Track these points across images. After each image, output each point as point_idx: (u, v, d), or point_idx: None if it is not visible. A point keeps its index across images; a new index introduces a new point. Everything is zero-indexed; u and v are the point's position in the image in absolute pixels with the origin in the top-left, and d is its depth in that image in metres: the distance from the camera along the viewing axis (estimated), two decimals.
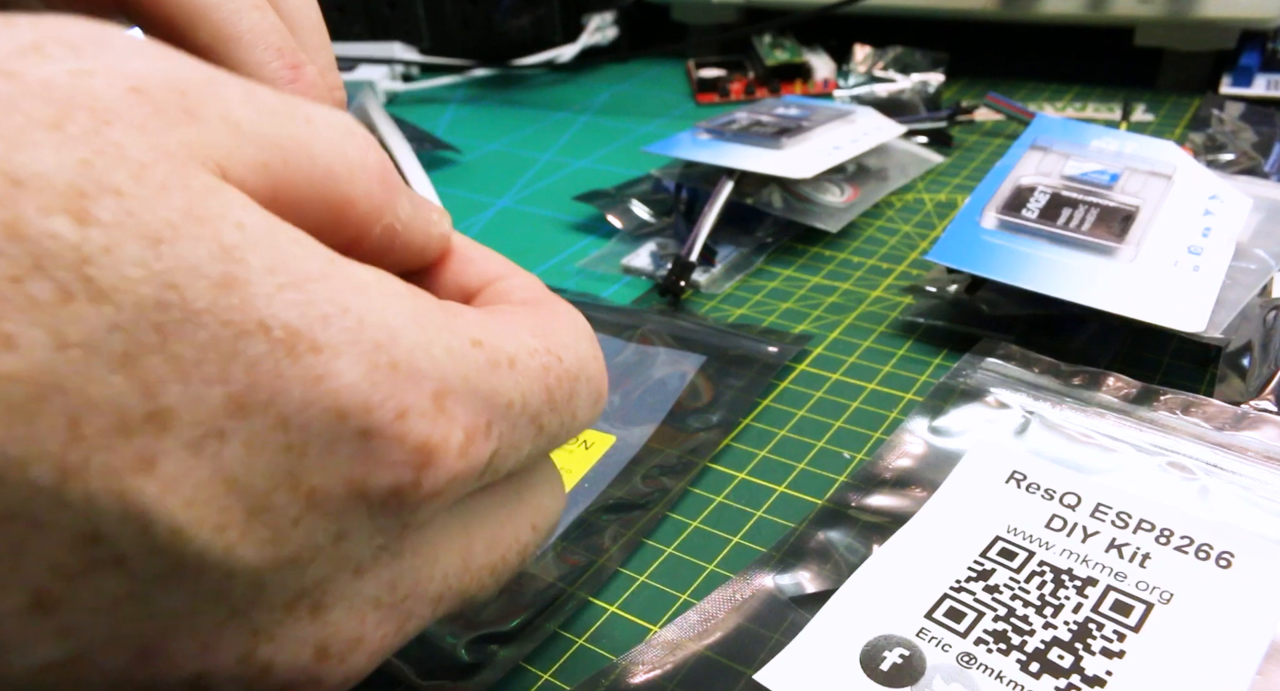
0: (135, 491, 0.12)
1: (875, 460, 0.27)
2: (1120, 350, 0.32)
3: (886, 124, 0.46)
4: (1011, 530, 0.24)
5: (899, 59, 0.56)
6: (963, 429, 0.28)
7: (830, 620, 0.22)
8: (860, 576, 0.23)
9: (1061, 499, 0.25)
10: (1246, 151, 0.43)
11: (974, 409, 0.29)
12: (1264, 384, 0.28)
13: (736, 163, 0.40)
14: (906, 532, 0.24)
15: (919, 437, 0.28)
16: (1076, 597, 0.22)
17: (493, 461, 0.15)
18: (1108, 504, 0.24)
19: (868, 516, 0.25)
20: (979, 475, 0.26)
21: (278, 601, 0.14)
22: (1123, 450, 0.26)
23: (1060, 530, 0.24)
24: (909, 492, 0.26)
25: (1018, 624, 0.21)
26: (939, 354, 0.33)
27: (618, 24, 0.66)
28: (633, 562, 0.25)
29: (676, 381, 0.31)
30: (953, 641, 0.21)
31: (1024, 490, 0.25)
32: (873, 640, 0.21)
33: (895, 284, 0.38)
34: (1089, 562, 0.23)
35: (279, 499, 0.13)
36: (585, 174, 0.50)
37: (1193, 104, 0.53)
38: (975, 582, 0.22)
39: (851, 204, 0.43)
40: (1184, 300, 0.30)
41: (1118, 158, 0.36)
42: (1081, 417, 0.27)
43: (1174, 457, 0.26)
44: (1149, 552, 0.23)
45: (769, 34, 0.62)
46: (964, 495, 0.25)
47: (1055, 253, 0.32)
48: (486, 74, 0.66)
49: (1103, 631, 0.21)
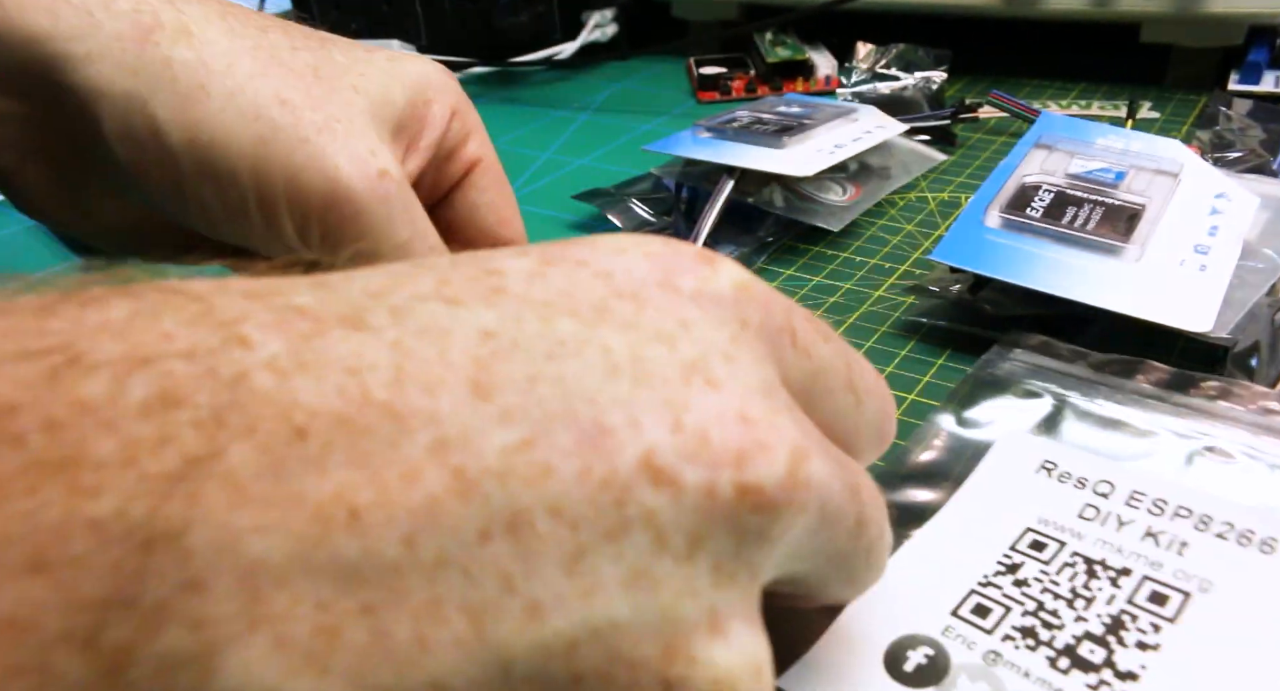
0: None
1: (902, 453, 0.27)
2: (1125, 350, 0.31)
3: (889, 122, 0.45)
4: (1042, 521, 0.23)
5: (902, 56, 0.55)
6: (991, 419, 0.27)
7: (854, 620, 0.21)
8: (885, 573, 0.22)
9: (1094, 487, 0.24)
10: (1254, 149, 0.43)
11: (1003, 399, 0.28)
12: (1271, 384, 0.28)
13: (737, 161, 0.40)
14: (933, 527, 0.24)
15: (946, 430, 0.27)
16: (1110, 589, 0.21)
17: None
18: (1142, 491, 0.24)
19: (894, 511, 0.24)
20: (1009, 465, 0.25)
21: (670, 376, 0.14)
22: (1158, 435, 0.26)
23: (1093, 519, 0.23)
24: (937, 486, 0.25)
25: (1047, 618, 0.21)
26: (942, 354, 0.32)
27: (617, 21, 0.66)
28: None
29: None
30: (978, 638, 0.20)
31: (1055, 479, 0.24)
32: (897, 640, 0.21)
33: (898, 283, 0.37)
34: (1123, 552, 0.22)
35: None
36: (585, 172, 0.50)
37: (1199, 101, 0.53)
38: (1004, 576, 0.22)
39: (854, 202, 0.42)
40: (1190, 299, 0.29)
41: (1123, 156, 0.36)
42: (1114, 404, 0.27)
43: (1211, 441, 0.25)
44: (1186, 540, 0.22)
45: (770, 31, 0.61)
46: (993, 486, 0.25)
47: (1060, 252, 0.32)
48: (485, 71, 0.66)
49: (1137, 623, 0.20)
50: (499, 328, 0.13)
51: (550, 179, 0.49)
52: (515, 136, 0.56)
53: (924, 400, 0.30)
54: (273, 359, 0.11)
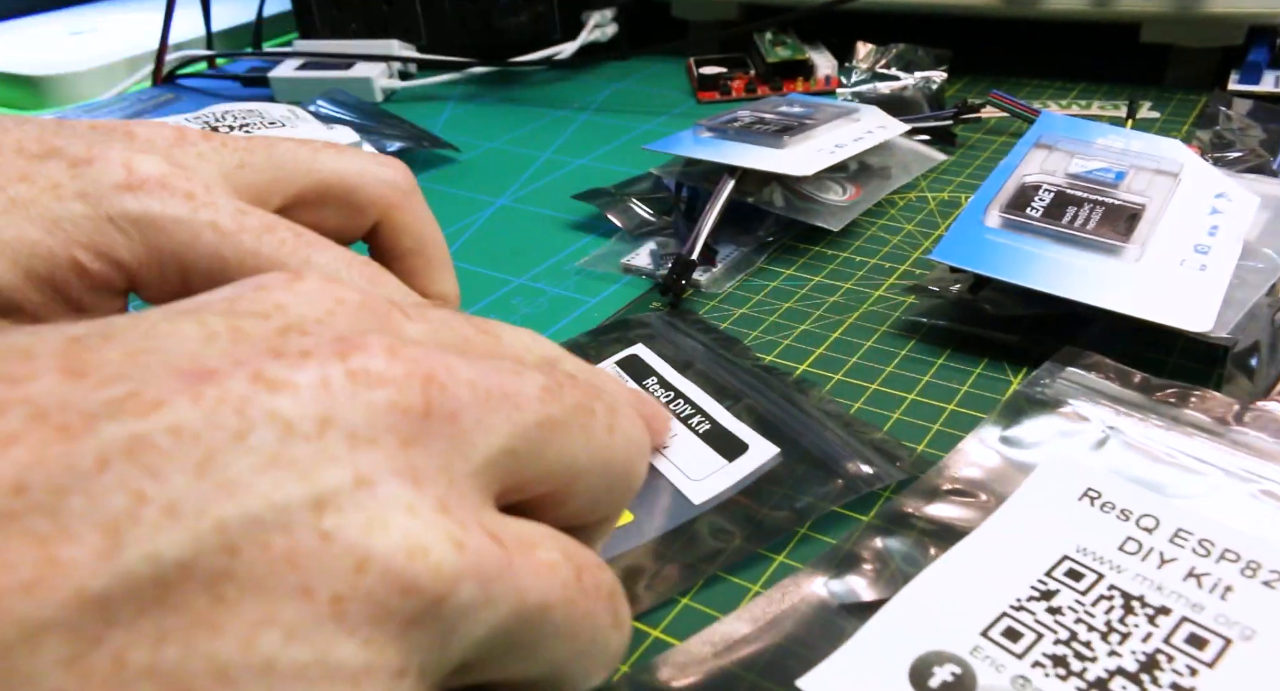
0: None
1: (940, 468, 0.26)
2: (1126, 350, 0.31)
3: (891, 123, 0.45)
4: (1081, 550, 0.23)
5: (902, 56, 0.55)
6: (1036, 441, 0.26)
7: (880, 630, 0.21)
8: (915, 587, 0.22)
9: (1138, 521, 0.23)
10: (1254, 149, 0.43)
11: (1050, 420, 0.27)
12: (1272, 384, 0.28)
13: (737, 161, 0.40)
14: (968, 545, 0.23)
15: (989, 447, 0.27)
16: (1147, 626, 0.21)
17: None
18: (1189, 530, 0.23)
19: (927, 525, 0.24)
20: (1050, 490, 0.25)
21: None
22: (1211, 473, 0.25)
23: (1134, 554, 0.22)
24: (974, 503, 0.25)
25: (1080, 649, 0.20)
26: (942, 354, 0.32)
27: (617, 21, 0.66)
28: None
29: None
30: (1008, 662, 0.20)
31: (1098, 509, 0.24)
32: (924, 655, 0.20)
33: (898, 283, 0.37)
34: (1164, 590, 0.21)
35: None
36: (585, 172, 0.50)
37: (1200, 101, 0.53)
38: (1037, 602, 0.21)
39: (854, 202, 0.42)
40: (1191, 299, 0.29)
41: (1123, 155, 0.36)
42: (1167, 436, 0.26)
43: (1268, 485, 0.24)
44: (1232, 585, 0.21)
45: (770, 31, 0.61)
46: (1032, 510, 0.24)
47: (1060, 252, 0.32)
48: (485, 71, 0.66)
49: (1173, 664, 0.20)
50: (85, 331, 0.14)
51: (550, 179, 0.49)
52: (515, 136, 0.56)
53: (924, 400, 0.30)
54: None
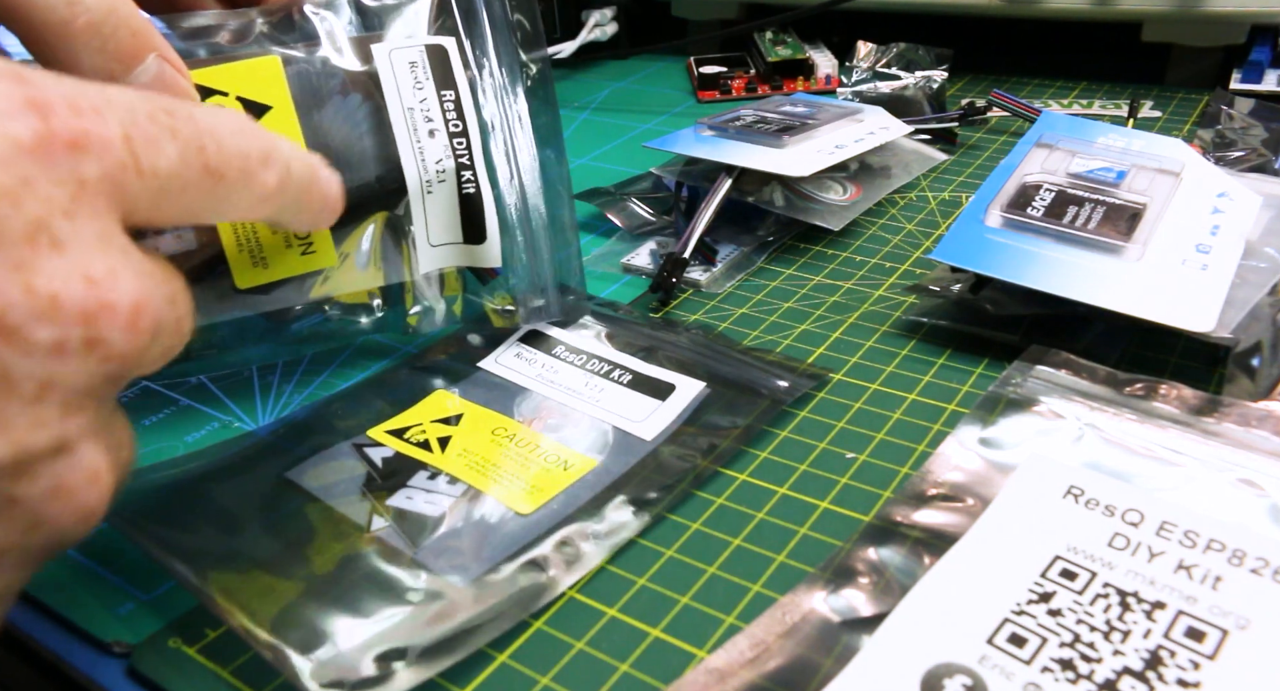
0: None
1: (923, 473, 0.26)
2: (1127, 350, 0.31)
3: (894, 123, 0.45)
4: (1071, 549, 0.23)
5: (902, 55, 0.55)
6: (1014, 441, 0.27)
7: (886, 644, 0.21)
8: (915, 598, 0.22)
9: (1123, 516, 0.23)
10: (1256, 148, 0.43)
11: (1025, 419, 0.27)
12: (1273, 384, 0.28)
13: (736, 160, 0.40)
14: (960, 551, 0.23)
15: (968, 449, 0.27)
16: (1145, 622, 0.21)
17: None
18: (1173, 522, 0.23)
19: (918, 533, 0.24)
20: (1034, 490, 0.25)
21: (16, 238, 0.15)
22: (1187, 464, 0.25)
23: (1124, 549, 0.22)
24: (961, 508, 0.25)
25: (1085, 651, 0.20)
26: (943, 354, 0.32)
27: (617, 20, 0.66)
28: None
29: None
30: (1017, 669, 0.20)
31: (1083, 506, 0.24)
32: (933, 668, 0.20)
33: (898, 283, 0.37)
34: (1156, 585, 0.21)
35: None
36: (584, 171, 0.50)
37: (1201, 100, 0.53)
38: (1037, 605, 0.21)
39: (854, 202, 0.42)
40: (1192, 299, 0.29)
41: (1124, 155, 0.36)
42: (1140, 429, 0.26)
43: (1244, 473, 0.24)
44: (1221, 575, 0.21)
45: (770, 30, 0.61)
46: (1019, 511, 0.24)
47: (1061, 251, 0.32)
48: None
49: (1176, 659, 0.20)
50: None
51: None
52: None
53: (924, 400, 0.30)
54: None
